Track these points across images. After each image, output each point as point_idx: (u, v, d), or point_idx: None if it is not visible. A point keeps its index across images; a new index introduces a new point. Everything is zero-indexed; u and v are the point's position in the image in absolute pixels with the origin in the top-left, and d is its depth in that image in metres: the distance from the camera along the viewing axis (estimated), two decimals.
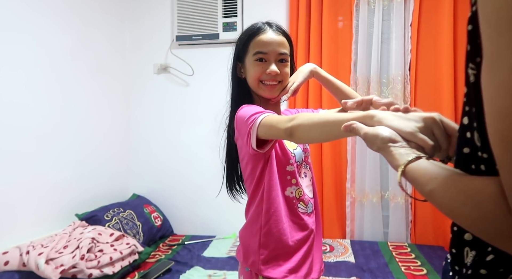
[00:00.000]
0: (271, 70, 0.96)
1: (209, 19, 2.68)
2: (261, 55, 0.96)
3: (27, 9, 1.96)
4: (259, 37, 0.97)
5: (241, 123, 0.90)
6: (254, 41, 0.98)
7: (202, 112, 2.77)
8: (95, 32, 2.51)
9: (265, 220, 0.96)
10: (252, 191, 0.99)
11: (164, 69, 2.84)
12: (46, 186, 2.08)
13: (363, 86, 2.51)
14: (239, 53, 1.02)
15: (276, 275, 0.94)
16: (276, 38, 0.97)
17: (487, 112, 0.36)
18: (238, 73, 1.04)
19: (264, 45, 0.96)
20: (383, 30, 2.51)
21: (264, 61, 0.97)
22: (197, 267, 2.08)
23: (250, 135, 0.86)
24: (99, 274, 1.74)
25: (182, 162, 2.84)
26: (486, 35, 0.36)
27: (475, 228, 0.40)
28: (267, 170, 0.95)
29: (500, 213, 0.36)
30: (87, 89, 2.43)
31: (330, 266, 2.06)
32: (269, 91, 0.99)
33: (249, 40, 0.99)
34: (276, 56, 0.97)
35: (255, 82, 0.99)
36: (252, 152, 0.89)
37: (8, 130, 1.85)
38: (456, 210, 0.41)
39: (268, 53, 0.96)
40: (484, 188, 0.38)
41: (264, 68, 0.97)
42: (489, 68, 0.36)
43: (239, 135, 0.95)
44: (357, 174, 2.56)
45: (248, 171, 0.98)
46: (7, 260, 1.65)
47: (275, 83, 0.99)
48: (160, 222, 2.62)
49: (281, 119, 0.80)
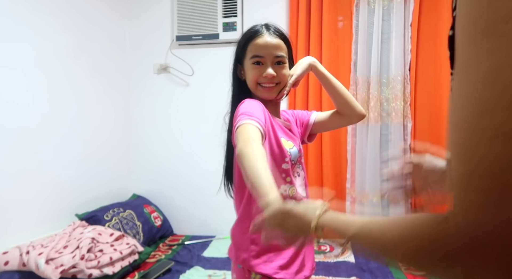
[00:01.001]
0: (267, 73, 0.99)
1: (209, 19, 2.68)
2: (258, 58, 1.00)
3: (28, 8, 1.96)
4: (256, 41, 1.00)
5: (235, 117, 0.92)
6: (251, 44, 1.00)
7: (202, 112, 2.77)
8: (95, 31, 2.51)
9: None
10: (242, 186, 0.99)
11: (164, 69, 2.84)
12: (46, 186, 2.08)
13: (363, 86, 2.51)
14: (238, 55, 1.06)
15: (267, 271, 0.95)
16: (272, 41, 1.00)
17: (449, 121, 0.35)
18: (239, 74, 1.07)
19: (260, 49, 0.99)
20: (383, 30, 2.51)
21: (261, 64, 1.00)
22: (197, 267, 2.08)
23: (233, 131, 0.89)
24: (99, 274, 1.74)
25: (182, 162, 2.84)
26: (459, 42, 0.35)
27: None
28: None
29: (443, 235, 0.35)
30: (87, 89, 2.43)
31: (330, 266, 2.06)
32: (267, 93, 1.02)
33: (246, 44, 1.02)
34: (273, 59, 1.00)
35: (253, 85, 1.03)
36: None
37: (8, 130, 1.85)
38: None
39: (265, 56, 0.99)
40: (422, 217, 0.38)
41: (261, 71, 1.00)
42: (458, 77, 0.35)
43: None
44: (357, 174, 2.56)
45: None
46: (7, 260, 1.65)
47: (272, 86, 1.02)
48: (160, 222, 2.62)
49: (245, 136, 0.80)
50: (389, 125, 2.52)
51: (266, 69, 1.00)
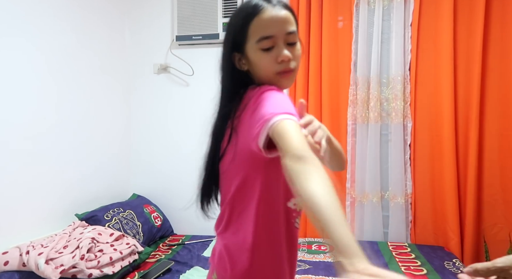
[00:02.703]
0: (284, 56, 0.78)
1: (209, 19, 2.68)
2: (267, 41, 0.77)
3: (27, 8, 1.95)
4: (260, 18, 0.77)
5: (258, 108, 0.72)
6: (254, 24, 0.78)
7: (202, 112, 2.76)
8: (95, 31, 2.51)
9: (261, 236, 0.81)
10: (244, 194, 0.81)
11: (164, 69, 2.84)
12: (46, 186, 2.08)
13: (363, 86, 2.51)
14: (236, 41, 0.81)
15: None
16: (280, 14, 0.77)
17: None
18: (237, 64, 0.84)
19: (268, 27, 0.77)
20: (383, 30, 2.51)
21: (272, 48, 0.78)
22: (197, 267, 2.08)
23: (260, 132, 0.69)
24: (99, 274, 1.74)
25: (182, 162, 2.83)
26: None
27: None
28: (271, 172, 0.78)
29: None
30: (87, 89, 2.43)
31: (330, 266, 2.06)
32: (286, 81, 0.82)
33: (246, 24, 0.78)
34: (285, 38, 0.78)
35: (270, 75, 0.80)
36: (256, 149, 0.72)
37: (8, 130, 1.85)
38: None
39: (275, 35, 0.77)
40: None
41: (274, 56, 0.78)
42: None
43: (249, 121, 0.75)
44: (357, 174, 2.56)
45: (245, 168, 0.80)
46: (7, 260, 1.65)
47: (290, 71, 0.80)
48: (160, 222, 2.62)
49: (299, 146, 0.62)
50: (389, 125, 2.52)
51: (280, 51, 0.78)
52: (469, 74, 2.35)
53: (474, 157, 2.33)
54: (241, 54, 0.83)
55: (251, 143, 0.73)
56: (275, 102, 0.72)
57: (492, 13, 2.32)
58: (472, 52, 2.34)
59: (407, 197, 2.48)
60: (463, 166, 2.40)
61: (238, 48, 0.82)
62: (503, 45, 2.32)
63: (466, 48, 2.37)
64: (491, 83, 2.34)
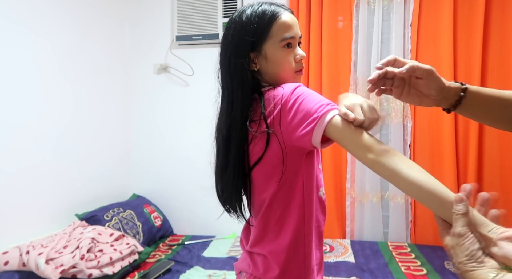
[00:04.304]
0: (302, 55, 0.86)
1: (209, 19, 2.68)
2: (290, 40, 0.83)
3: (27, 8, 1.96)
4: (282, 20, 0.83)
5: (302, 105, 0.73)
6: (277, 24, 0.83)
7: (202, 112, 2.77)
8: (95, 32, 2.52)
9: (308, 229, 0.83)
10: (285, 194, 0.81)
11: (164, 69, 2.84)
12: (46, 186, 2.08)
13: (363, 86, 2.51)
14: (258, 39, 0.83)
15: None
16: (294, 18, 0.86)
17: None
18: (250, 64, 0.84)
19: (290, 28, 0.83)
20: (383, 30, 2.51)
21: (290, 47, 0.85)
22: (197, 267, 2.08)
23: (314, 130, 0.70)
24: (99, 274, 1.74)
25: (182, 162, 2.83)
26: None
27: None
28: (308, 164, 0.81)
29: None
30: (87, 89, 2.43)
31: (330, 266, 2.06)
32: (299, 79, 0.88)
33: (270, 24, 0.82)
34: (298, 40, 0.87)
35: (290, 73, 0.85)
36: (308, 146, 0.74)
37: (8, 130, 1.85)
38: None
39: (295, 37, 0.84)
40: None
41: (292, 55, 0.85)
42: None
43: (292, 119, 0.73)
44: (357, 174, 2.56)
45: (286, 166, 0.78)
46: (7, 260, 1.65)
47: (303, 69, 0.88)
48: (160, 222, 2.62)
49: (365, 136, 0.69)
50: (389, 125, 2.52)
51: (298, 51, 0.86)
52: (469, 74, 2.35)
53: (474, 157, 2.33)
54: (258, 53, 0.84)
55: (299, 140, 0.73)
56: (317, 97, 0.74)
57: (492, 13, 2.32)
58: (472, 52, 2.34)
59: (407, 197, 2.48)
60: (463, 166, 2.40)
61: (255, 47, 0.83)
62: (503, 45, 2.32)
63: (466, 48, 2.37)
64: (491, 83, 2.34)
